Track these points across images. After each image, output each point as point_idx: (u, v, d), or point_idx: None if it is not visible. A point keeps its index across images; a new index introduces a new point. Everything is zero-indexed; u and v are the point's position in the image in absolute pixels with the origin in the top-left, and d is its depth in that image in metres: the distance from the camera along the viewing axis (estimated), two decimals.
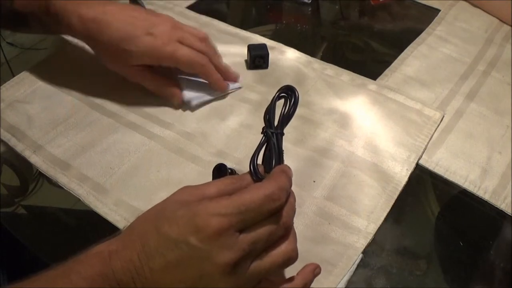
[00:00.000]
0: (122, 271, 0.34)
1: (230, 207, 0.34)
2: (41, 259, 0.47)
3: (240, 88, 0.62)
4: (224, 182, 0.38)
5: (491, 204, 0.51)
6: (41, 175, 0.53)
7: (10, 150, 0.55)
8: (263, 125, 0.42)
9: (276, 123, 0.42)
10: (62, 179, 0.52)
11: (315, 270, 0.40)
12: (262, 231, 0.36)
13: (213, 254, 0.34)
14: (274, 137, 0.42)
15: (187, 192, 0.37)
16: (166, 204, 0.37)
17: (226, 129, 0.57)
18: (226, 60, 0.66)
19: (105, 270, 0.34)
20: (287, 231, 0.38)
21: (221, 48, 0.68)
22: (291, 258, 0.38)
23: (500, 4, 0.75)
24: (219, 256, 0.34)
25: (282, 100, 0.42)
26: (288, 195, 0.38)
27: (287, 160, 0.42)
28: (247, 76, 0.64)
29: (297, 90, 0.42)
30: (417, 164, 0.55)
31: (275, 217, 0.36)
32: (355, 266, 0.45)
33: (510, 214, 0.51)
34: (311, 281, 0.40)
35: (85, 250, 0.36)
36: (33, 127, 0.57)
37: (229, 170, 0.48)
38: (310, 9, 0.80)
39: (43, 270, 0.35)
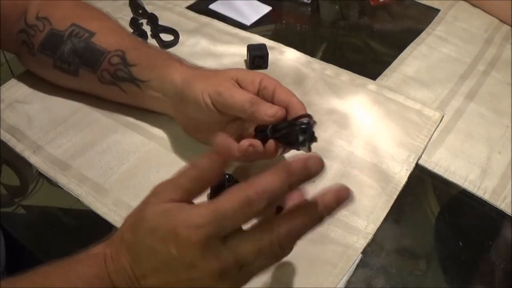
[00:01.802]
0: (117, 276, 0.35)
1: (205, 215, 0.33)
2: (41, 259, 0.47)
3: None
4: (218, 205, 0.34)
5: (491, 204, 0.51)
6: (41, 175, 0.53)
7: (10, 150, 0.55)
8: None
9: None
10: (62, 179, 0.52)
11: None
12: (249, 248, 0.34)
13: (198, 263, 0.33)
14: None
15: (157, 197, 0.36)
16: (146, 211, 0.36)
17: None
18: (225, 61, 0.67)
19: (101, 273, 0.35)
20: (283, 251, 0.35)
21: (221, 48, 0.69)
22: (282, 256, 0.36)
23: (500, 4, 0.75)
24: (204, 264, 0.33)
25: None
26: (279, 196, 0.34)
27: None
28: None
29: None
30: (417, 164, 0.55)
31: (266, 233, 0.34)
32: (354, 266, 0.45)
33: (510, 214, 0.50)
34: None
35: (84, 249, 0.37)
36: (33, 128, 0.57)
37: (226, 176, 0.48)
38: (310, 9, 0.80)
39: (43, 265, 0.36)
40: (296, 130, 0.42)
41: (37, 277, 0.35)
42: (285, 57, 0.67)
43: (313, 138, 0.43)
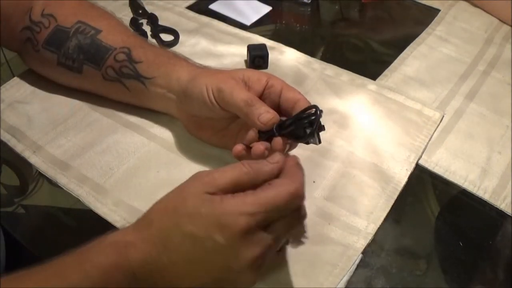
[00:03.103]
0: (140, 264, 0.35)
1: (256, 205, 0.35)
2: (41, 259, 0.47)
3: None
4: (239, 172, 0.37)
5: (491, 204, 0.51)
6: (41, 175, 0.53)
7: (10, 150, 0.55)
8: None
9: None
10: (62, 179, 0.52)
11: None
12: (285, 226, 0.37)
13: (241, 251, 0.35)
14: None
15: (202, 182, 0.37)
16: (185, 197, 0.36)
17: None
18: (225, 61, 0.67)
19: (121, 260, 0.35)
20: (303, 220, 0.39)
21: (221, 48, 0.69)
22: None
23: (500, 4, 0.75)
24: (247, 253, 0.35)
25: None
26: None
27: None
28: None
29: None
30: (417, 164, 0.55)
31: (297, 212, 0.38)
32: (354, 266, 0.45)
33: (510, 214, 0.51)
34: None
35: (97, 238, 0.36)
36: (33, 128, 0.57)
37: None
38: (310, 9, 0.80)
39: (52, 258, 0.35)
40: (303, 123, 0.42)
41: (50, 269, 0.35)
42: (285, 57, 0.67)
43: (320, 128, 0.42)
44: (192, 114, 0.52)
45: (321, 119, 0.41)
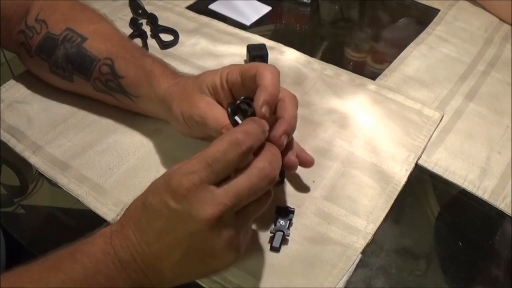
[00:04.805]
0: (121, 249, 0.36)
1: (198, 163, 0.35)
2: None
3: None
4: (205, 152, 0.37)
5: (490, 204, 0.51)
6: (41, 175, 0.53)
7: (10, 150, 0.55)
8: None
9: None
10: (62, 179, 0.52)
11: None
12: (241, 183, 0.35)
13: (193, 212, 0.34)
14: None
15: (172, 167, 0.38)
16: (153, 181, 0.38)
17: None
18: (225, 61, 0.67)
19: (107, 248, 0.36)
20: (270, 181, 0.37)
21: (221, 48, 0.69)
22: (270, 194, 0.39)
23: (500, 3, 0.75)
24: (199, 212, 0.34)
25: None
26: (259, 141, 0.37)
27: None
28: None
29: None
30: (417, 164, 0.55)
31: (250, 167, 0.36)
32: (354, 266, 0.45)
33: (510, 214, 0.51)
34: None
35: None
36: (33, 128, 0.57)
37: None
38: (310, 9, 0.80)
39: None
40: None
41: (45, 262, 0.37)
42: (285, 57, 0.67)
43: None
44: (182, 128, 0.51)
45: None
